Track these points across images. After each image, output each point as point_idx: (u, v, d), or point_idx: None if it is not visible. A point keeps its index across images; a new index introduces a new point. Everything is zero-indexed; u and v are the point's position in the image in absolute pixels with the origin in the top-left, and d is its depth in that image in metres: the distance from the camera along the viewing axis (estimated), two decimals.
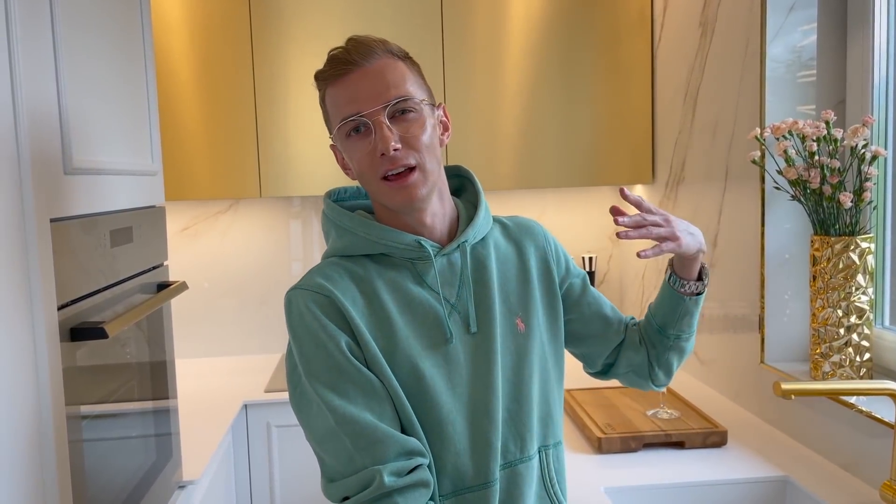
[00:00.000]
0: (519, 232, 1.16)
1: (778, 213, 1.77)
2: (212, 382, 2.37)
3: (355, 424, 0.93)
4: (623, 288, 2.82)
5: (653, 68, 2.46)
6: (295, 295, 1.00)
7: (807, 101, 1.75)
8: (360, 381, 0.96)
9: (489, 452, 1.00)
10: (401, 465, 0.92)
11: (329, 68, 1.02)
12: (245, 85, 2.36)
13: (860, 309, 1.57)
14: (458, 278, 1.06)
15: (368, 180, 1.02)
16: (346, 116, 0.99)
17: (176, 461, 1.58)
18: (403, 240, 1.03)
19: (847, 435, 1.51)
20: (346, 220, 1.06)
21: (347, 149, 1.03)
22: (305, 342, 0.97)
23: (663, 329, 1.17)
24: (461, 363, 1.02)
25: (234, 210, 2.68)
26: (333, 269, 1.03)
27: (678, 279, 1.14)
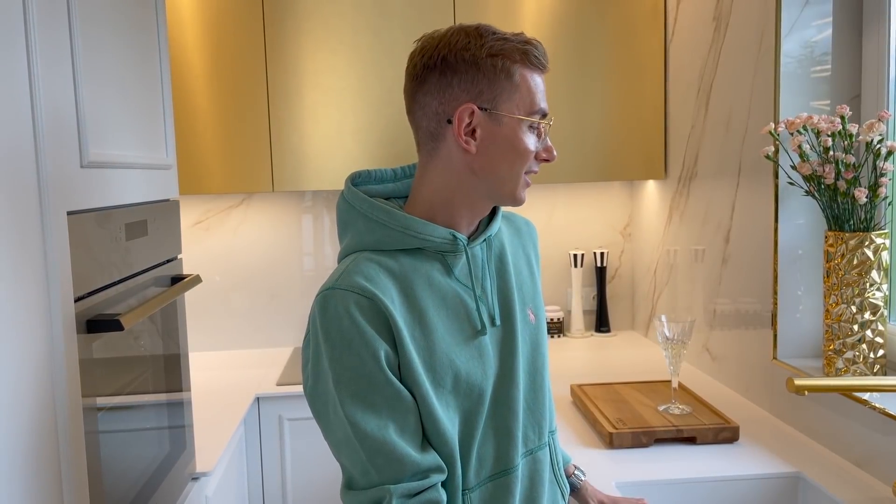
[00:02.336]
0: (521, 226, 1.20)
1: (791, 208, 1.76)
2: (224, 375, 2.39)
3: (373, 441, 0.92)
4: (635, 283, 2.82)
5: (666, 63, 2.45)
6: (334, 295, 0.95)
7: (821, 96, 1.74)
8: (388, 393, 0.94)
9: (509, 441, 1.03)
10: (413, 486, 0.93)
11: (537, 55, 1.00)
12: (258, 79, 2.37)
13: (874, 305, 1.56)
14: (482, 270, 1.06)
15: (515, 168, 1.01)
16: (545, 112, 1.02)
17: (189, 453, 1.60)
18: (439, 233, 1.01)
19: (860, 431, 1.50)
20: (379, 212, 1.02)
21: (519, 134, 1.00)
22: (338, 346, 0.94)
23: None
24: (490, 355, 1.03)
25: (247, 204, 2.69)
26: (370, 267, 0.98)
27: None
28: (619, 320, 2.84)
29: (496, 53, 0.97)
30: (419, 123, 1.03)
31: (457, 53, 0.98)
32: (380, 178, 1.10)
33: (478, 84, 0.97)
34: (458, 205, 1.03)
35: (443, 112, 1.00)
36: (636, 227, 2.78)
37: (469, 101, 0.98)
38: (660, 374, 2.21)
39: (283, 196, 2.69)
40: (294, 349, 2.69)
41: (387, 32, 2.38)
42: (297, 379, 2.28)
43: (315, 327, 0.97)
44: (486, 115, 0.99)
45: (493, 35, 0.98)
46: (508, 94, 0.98)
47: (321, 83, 2.38)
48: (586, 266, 2.80)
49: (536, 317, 1.11)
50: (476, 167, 1.01)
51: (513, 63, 0.98)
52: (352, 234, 1.05)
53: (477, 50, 0.97)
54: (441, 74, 0.98)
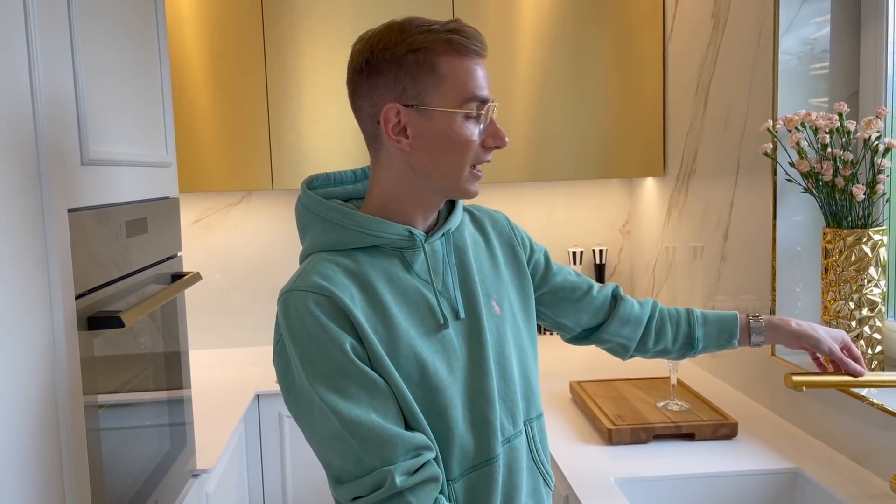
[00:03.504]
0: (484, 219, 1.19)
1: (789, 205, 1.76)
2: (224, 373, 2.39)
3: (361, 427, 0.92)
4: (634, 280, 2.82)
5: (664, 61, 2.46)
6: (292, 297, 0.97)
7: (819, 93, 1.74)
8: (363, 382, 0.95)
9: (489, 431, 1.03)
10: (410, 464, 0.93)
11: (464, 42, 0.98)
12: (257, 77, 2.37)
13: (872, 301, 1.56)
14: (442, 265, 1.07)
15: (455, 162, 1.00)
16: (483, 98, 1.00)
17: (190, 450, 1.60)
18: (395, 230, 1.02)
19: (858, 427, 1.51)
20: (334, 213, 1.03)
21: (454, 126, 0.99)
22: (306, 345, 0.95)
23: (696, 343, 1.29)
24: (456, 348, 1.04)
25: (247, 202, 2.69)
26: (327, 267, 0.99)
27: (759, 340, 1.29)
28: None
29: (417, 48, 0.97)
30: (361, 126, 1.05)
31: (378, 54, 0.98)
32: (338, 180, 1.11)
33: (401, 82, 0.97)
34: (408, 202, 1.04)
35: (374, 114, 1.00)
36: (635, 224, 2.79)
37: (393, 99, 0.98)
38: (658, 371, 2.22)
39: (282, 194, 2.70)
40: None
41: None
42: None
43: (281, 331, 0.99)
44: (415, 112, 0.98)
45: (417, 28, 0.98)
46: (434, 87, 0.97)
47: (320, 81, 2.38)
48: (585, 263, 2.80)
49: (501, 307, 1.12)
50: (416, 165, 1.01)
51: (436, 55, 0.97)
52: (310, 236, 1.06)
53: (397, 47, 0.97)
54: (368, 77, 0.99)
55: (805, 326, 1.27)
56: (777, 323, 1.27)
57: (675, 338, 1.29)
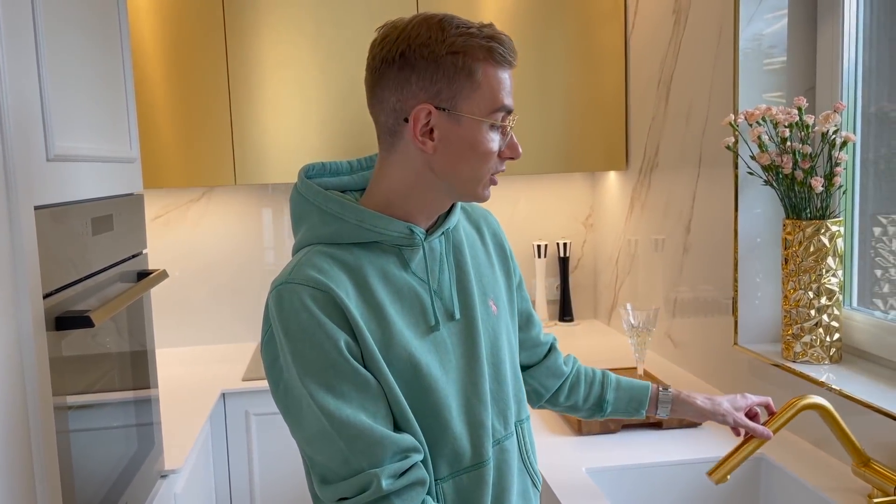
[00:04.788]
0: (479, 217, 1.19)
1: (750, 198, 1.81)
2: (188, 372, 2.36)
3: (351, 427, 0.91)
4: (597, 273, 2.86)
5: (626, 56, 2.49)
6: (287, 290, 0.95)
7: (777, 87, 1.79)
8: (355, 381, 0.94)
9: (483, 433, 1.03)
10: (397, 467, 0.92)
11: (503, 52, 0.96)
12: (219, 71, 2.33)
13: (830, 290, 1.61)
14: (439, 264, 1.05)
15: (477, 169, 0.99)
16: (509, 109, 0.99)
17: (158, 450, 1.58)
18: (396, 227, 1.00)
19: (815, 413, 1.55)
20: (334, 205, 1.00)
21: (479, 135, 0.97)
22: (299, 340, 0.93)
23: (605, 406, 1.29)
24: (449, 348, 1.03)
25: (208, 198, 2.65)
26: (323, 260, 0.97)
27: (665, 413, 1.30)
28: (582, 309, 2.89)
29: (457, 51, 0.94)
30: (377, 117, 1.01)
31: (416, 49, 0.94)
32: (335, 170, 1.08)
33: (436, 83, 0.94)
34: (415, 200, 1.02)
35: (400, 109, 0.97)
36: (598, 217, 2.82)
37: (427, 100, 0.95)
38: (624, 362, 2.25)
39: (243, 190, 2.66)
40: (258, 345, 2.67)
41: (349, 24, 2.37)
42: (263, 374, 2.26)
43: (273, 324, 0.97)
44: (445, 115, 0.96)
45: (457, 29, 0.95)
46: (469, 92, 0.95)
47: (284, 75, 2.36)
48: (549, 257, 2.83)
49: (498, 307, 1.11)
50: (435, 166, 0.99)
51: (475, 61, 0.95)
52: (306, 227, 1.03)
53: (437, 46, 0.94)
54: (399, 70, 0.95)
55: (709, 404, 1.28)
56: (685, 399, 1.28)
57: (587, 397, 1.29)
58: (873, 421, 1.39)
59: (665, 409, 1.29)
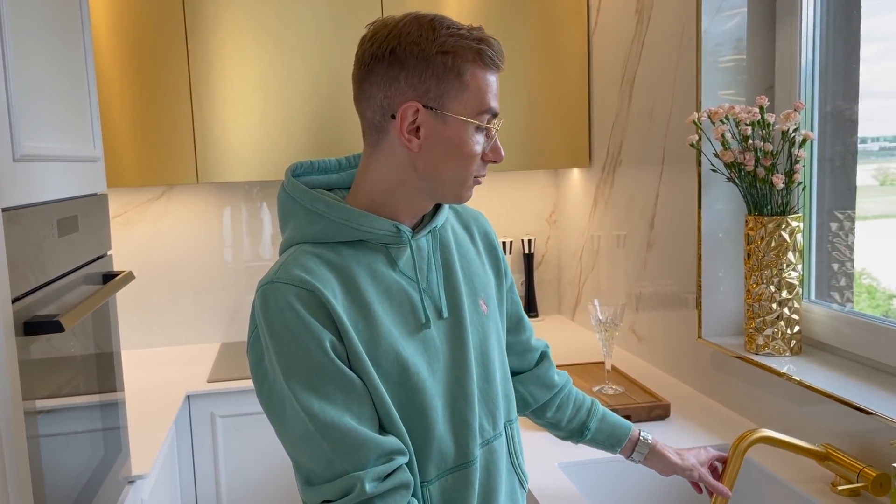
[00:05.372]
0: (469, 218, 1.19)
1: (713, 194, 1.84)
2: (151, 374, 2.31)
3: (335, 430, 0.91)
4: (561, 269, 2.89)
5: (589, 54, 2.52)
6: (273, 289, 0.94)
7: (737, 86, 1.83)
8: (340, 382, 0.93)
9: (468, 433, 1.03)
10: (381, 470, 0.92)
11: (492, 55, 0.97)
12: (179, 67, 2.29)
13: (791, 284, 1.66)
14: (427, 263, 1.05)
15: (460, 171, 0.99)
16: (495, 112, 1.00)
17: (125, 455, 1.55)
18: (382, 226, 1.00)
19: (781, 403, 1.60)
20: (319, 204, 1.00)
21: (465, 136, 0.98)
22: (284, 340, 0.92)
23: (586, 433, 1.30)
24: (438, 348, 1.03)
25: (167, 197, 2.60)
26: (310, 260, 0.97)
27: (638, 459, 1.32)
28: (547, 305, 2.91)
29: (448, 51, 0.95)
30: (364, 113, 1.01)
31: (406, 47, 0.95)
32: (322, 168, 1.08)
33: (425, 81, 0.95)
34: (399, 198, 1.02)
35: (387, 106, 0.97)
36: (562, 214, 2.85)
37: (415, 98, 0.96)
38: (590, 357, 2.28)
39: (204, 188, 2.62)
40: (222, 344, 2.63)
41: (312, 20, 2.35)
42: (228, 375, 2.23)
43: (259, 324, 0.96)
44: (432, 114, 0.96)
45: (448, 30, 0.96)
46: (457, 93, 0.96)
47: (246, 72, 2.32)
48: (514, 253, 2.85)
49: (489, 306, 1.12)
50: (419, 165, 0.99)
51: (464, 62, 0.96)
52: (292, 226, 1.03)
53: (427, 45, 0.94)
54: (389, 66, 0.96)
55: (679, 460, 1.31)
56: (659, 451, 1.30)
57: (572, 419, 1.29)
58: (833, 410, 1.44)
59: (640, 455, 1.31)
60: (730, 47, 1.82)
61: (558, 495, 1.38)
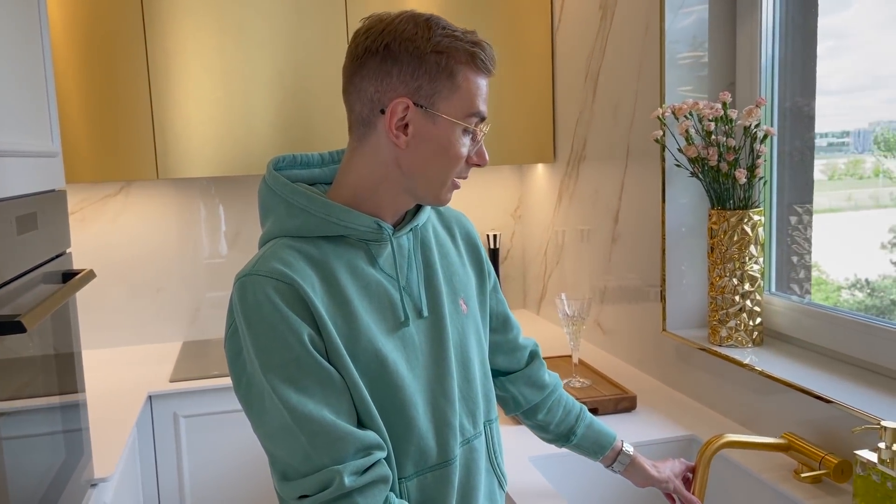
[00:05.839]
0: (451, 219, 1.19)
1: (677, 189, 1.87)
2: (112, 374, 2.26)
3: (313, 423, 0.90)
4: (526, 263, 2.91)
5: (553, 50, 2.53)
6: (251, 281, 0.93)
7: (699, 82, 1.86)
8: (319, 375, 0.93)
9: (449, 432, 1.03)
10: (360, 463, 0.91)
11: (484, 59, 0.99)
12: (137, 58, 2.24)
13: (752, 277, 1.69)
14: (407, 261, 1.05)
15: (443, 171, 1.00)
16: (483, 116, 1.01)
17: (87, 458, 1.51)
18: (363, 222, 1.00)
19: (743, 394, 1.64)
20: (301, 198, 0.99)
21: (452, 137, 0.98)
22: (262, 333, 0.92)
23: (573, 438, 1.32)
24: (417, 346, 1.02)
25: (126, 193, 2.54)
26: (288, 253, 0.96)
27: (619, 469, 1.33)
28: (512, 299, 2.93)
29: (442, 50, 0.95)
30: (353, 106, 1.01)
31: (401, 43, 0.95)
32: (305, 162, 1.07)
33: (418, 79, 0.96)
34: (382, 195, 1.02)
35: (377, 100, 0.97)
36: (526, 209, 2.86)
37: (406, 94, 0.96)
38: (556, 350, 2.30)
39: (165, 184, 2.57)
40: (183, 343, 2.58)
41: (275, 12, 2.31)
42: (190, 374, 2.19)
43: (236, 317, 0.95)
44: (422, 112, 0.97)
45: (443, 30, 0.96)
46: (448, 93, 0.97)
47: (208, 65, 2.28)
48: None
49: (469, 306, 1.12)
50: (403, 163, 0.99)
51: (457, 63, 0.96)
52: (272, 219, 1.02)
53: (423, 43, 0.95)
54: (382, 61, 0.96)
55: (656, 472, 1.33)
56: (639, 463, 1.33)
57: (561, 422, 1.31)
58: (795, 399, 1.47)
59: (621, 466, 1.33)
60: (691, 44, 1.84)
61: (530, 489, 1.39)
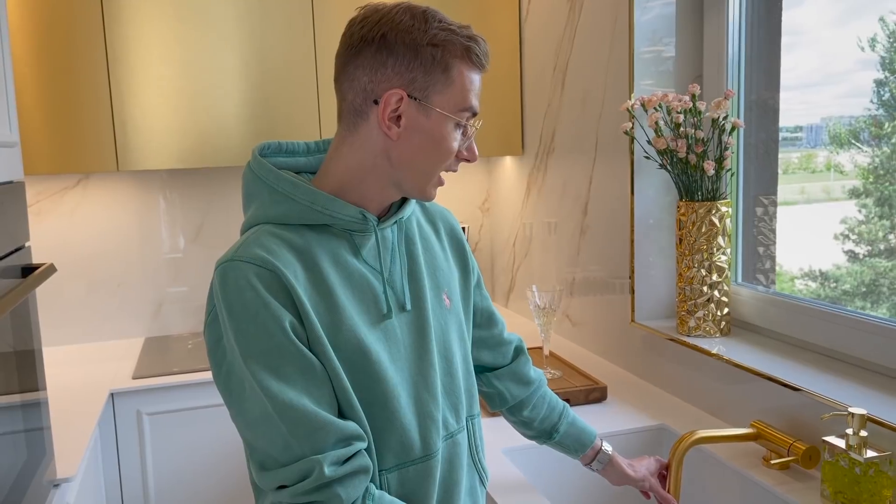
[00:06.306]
0: (435, 214, 1.19)
1: (645, 181, 1.88)
2: (72, 372, 2.20)
3: (294, 411, 0.89)
4: (494, 256, 2.91)
5: (521, 42, 2.53)
6: (233, 267, 0.92)
7: (666, 75, 1.87)
8: (300, 363, 0.91)
9: (431, 425, 1.02)
10: (340, 453, 0.90)
11: (479, 54, 0.98)
12: (95, 47, 2.17)
13: (720, 268, 1.71)
14: (391, 254, 1.04)
15: (433, 164, 0.99)
16: (475, 111, 1.00)
17: (49, 458, 1.46)
18: (348, 211, 0.99)
19: (712, 383, 1.66)
20: (286, 184, 0.98)
21: (444, 130, 0.97)
22: (243, 320, 0.90)
23: (555, 435, 1.32)
24: (399, 339, 1.02)
25: (84, 186, 2.47)
26: (271, 241, 0.95)
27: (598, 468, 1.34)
28: None
29: (438, 44, 0.95)
30: (345, 95, 1.00)
31: (398, 34, 0.95)
32: (291, 150, 1.06)
33: (412, 70, 0.95)
34: (368, 186, 1.01)
35: (371, 90, 0.97)
36: (494, 202, 2.86)
37: (400, 86, 0.96)
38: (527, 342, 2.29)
39: (124, 176, 2.50)
40: (146, 339, 2.53)
41: (242, 3, 2.27)
42: (154, 371, 2.15)
43: (217, 303, 0.94)
44: (416, 104, 0.96)
45: (439, 24, 0.96)
46: (442, 87, 0.97)
47: (169, 55, 2.23)
48: None
49: (452, 301, 1.11)
50: (393, 154, 0.99)
51: (452, 57, 0.96)
52: (256, 205, 1.01)
53: (419, 35, 0.95)
54: (377, 51, 0.95)
55: (632, 471, 1.34)
56: (617, 462, 1.34)
57: (545, 419, 1.31)
58: (763, 387, 1.49)
59: (600, 465, 1.34)
60: (660, 37, 1.86)
61: (504, 481, 1.39)
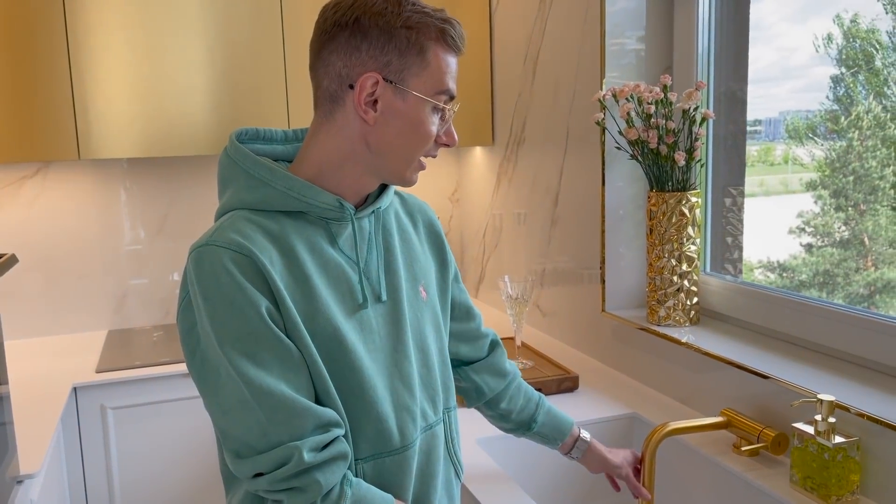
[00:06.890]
0: (413, 207, 1.18)
1: (616, 171, 1.89)
2: (33, 365, 2.14)
3: (271, 397, 0.88)
4: (464, 247, 2.90)
5: (491, 31, 2.52)
6: (208, 252, 0.90)
7: (637, 66, 1.88)
8: (277, 349, 0.90)
9: (408, 416, 1.01)
10: (319, 440, 0.89)
11: (454, 36, 0.97)
12: (55, 31, 2.11)
13: (690, 258, 1.73)
14: (368, 243, 1.03)
15: (412, 149, 0.98)
16: (452, 94, 0.99)
17: (12, 454, 1.42)
18: (324, 199, 0.97)
19: (681, 372, 1.68)
20: (262, 170, 0.97)
21: (422, 114, 0.96)
22: (219, 305, 0.89)
23: (533, 426, 1.31)
24: (374, 329, 1.01)
25: (43, 175, 2.41)
26: (246, 226, 0.93)
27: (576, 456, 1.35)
28: None
29: (412, 26, 0.94)
30: (320, 81, 0.98)
31: (371, 17, 0.93)
32: (268, 137, 1.05)
33: (387, 54, 0.94)
34: (346, 173, 1.00)
35: (346, 75, 0.95)
36: (464, 192, 2.86)
37: (375, 69, 0.94)
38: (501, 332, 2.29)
39: (84, 165, 2.44)
40: (108, 332, 2.47)
41: None
42: (118, 364, 2.10)
43: (191, 288, 0.92)
44: (391, 88, 0.95)
45: (413, 6, 0.95)
46: (417, 70, 0.96)
47: (132, 40, 2.17)
48: None
49: (428, 293, 1.11)
50: (371, 140, 0.98)
51: (427, 39, 0.95)
52: (231, 191, 0.99)
53: (393, 18, 0.93)
54: (351, 35, 0.94)
55: (610, 457, 1.35)
56: (596, 448, 1.34)
57: (522, 410, 1.31)
58: (731, 375, 1.51)
59: (579, 452, 1.34)
60: (629, 27, 1.86)
61: (478, 470, 1.39)
